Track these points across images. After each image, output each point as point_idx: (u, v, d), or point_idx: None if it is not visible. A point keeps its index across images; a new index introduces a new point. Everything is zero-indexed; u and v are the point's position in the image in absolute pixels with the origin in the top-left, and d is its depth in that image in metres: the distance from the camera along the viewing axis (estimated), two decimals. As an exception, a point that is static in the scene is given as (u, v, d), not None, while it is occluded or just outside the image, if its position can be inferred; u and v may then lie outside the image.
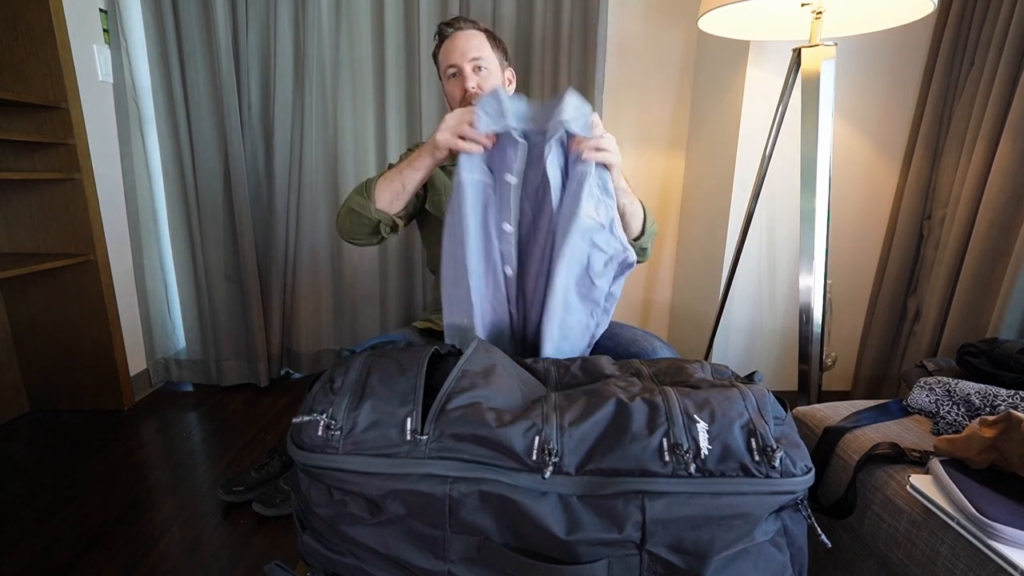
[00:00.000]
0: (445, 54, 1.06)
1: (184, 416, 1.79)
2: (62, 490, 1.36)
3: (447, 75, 1.07)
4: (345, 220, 0.95)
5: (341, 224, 0.97)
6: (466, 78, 1.03)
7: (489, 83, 1.04)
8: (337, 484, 0.58)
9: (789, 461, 0.55)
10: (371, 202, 0.90)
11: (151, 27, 1.73)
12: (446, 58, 1.05)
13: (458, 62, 1.03)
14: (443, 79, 1.10)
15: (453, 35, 1.05)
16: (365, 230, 0.94)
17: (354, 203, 0.92)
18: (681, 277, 2.17)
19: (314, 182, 1.89)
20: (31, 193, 1.63)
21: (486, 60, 1.04)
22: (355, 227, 0.94)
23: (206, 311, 1.94)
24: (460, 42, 1.04)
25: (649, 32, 1.95)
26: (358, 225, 0.94)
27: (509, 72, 1.14)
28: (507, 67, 1.13)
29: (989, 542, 0.58)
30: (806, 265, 1.34)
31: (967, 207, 1.46)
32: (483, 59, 1.04)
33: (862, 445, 0.80)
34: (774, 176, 1.72)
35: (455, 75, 1.05)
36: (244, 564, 1.13)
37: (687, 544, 0.54)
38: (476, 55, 1.03)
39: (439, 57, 1.09)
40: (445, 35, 1.06)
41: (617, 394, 0.60)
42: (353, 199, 0.93)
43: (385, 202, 0.91)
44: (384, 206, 0.91)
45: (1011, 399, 0.78)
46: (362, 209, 0.91)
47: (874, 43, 1.63)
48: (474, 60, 1.03)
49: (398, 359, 0.66)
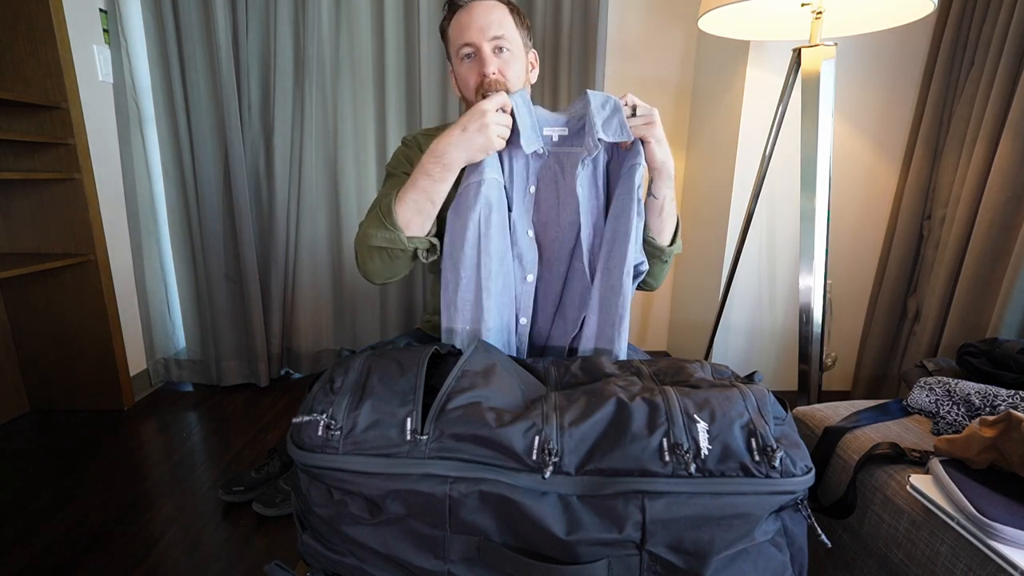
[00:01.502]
0: (458, 28, 0.86)
1: (184, 416, 1.79)
2: (62, 490, 1.36)
3: (460, 56, 0.87)
4: (373, 263, 0.80)
5: (369, 268, 0.81)
6: (485, 61, 0.84)
7: (512, 69, 0.86)
8: (337, 484, 0.58)
9: (789, 461, 0.55)
10: (399, 231, 0.76)
11: (151, 27, 1.73)
12: (460, 34, 0.86)
13: (476, 40, 0.84)
14: (453, 60, 0.90)
15: (469, 5, 0.85)
16: (401, 265, 0.80)
17: (378, 240, 0.76)
18: (681, 277, 2.17)
19: (314, 182, 1.89)
20: (31, 193, 1.63)
21: (509, 40, 0.85)
22: (388, 266, 0.80)
23: (206, 311, 1.94)
24: (479, 15, 0.84)
25: (649, 32, 1.95)
26: (391, 262, 0.79)
27: (532, 55, 0.94)
28: (530, 48, 0.93)
29: (989, 542, 0.58)
30: (806, 265, 1.34)
31: (967, 207, 1.46)
32: (506, 38, 0.85)
33: (862, 445, 0.80)
34: (774, 176, 1.72)
35: (470, 56, 0.86)
36: (244, 564, 1.13)
37: (687, 544, 0.54)
38: (498, 32, 0.84)
39: (450, 32, 0.89)
40: (459, 4, 0.86)
41: (617, 394, 0.60)
42: (374, 236, 0.77)
43: (417, 227, 0.77)
44: (417, 231, 0.77)
45: (1011, 399, 0.78)
46: (392, 243, 0.76)
47: (874, 43, 1.63)
48: (495, 39, 0.84)
49: (398, 359, 0.65)
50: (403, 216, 0.76)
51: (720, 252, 1.82)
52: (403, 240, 0.76)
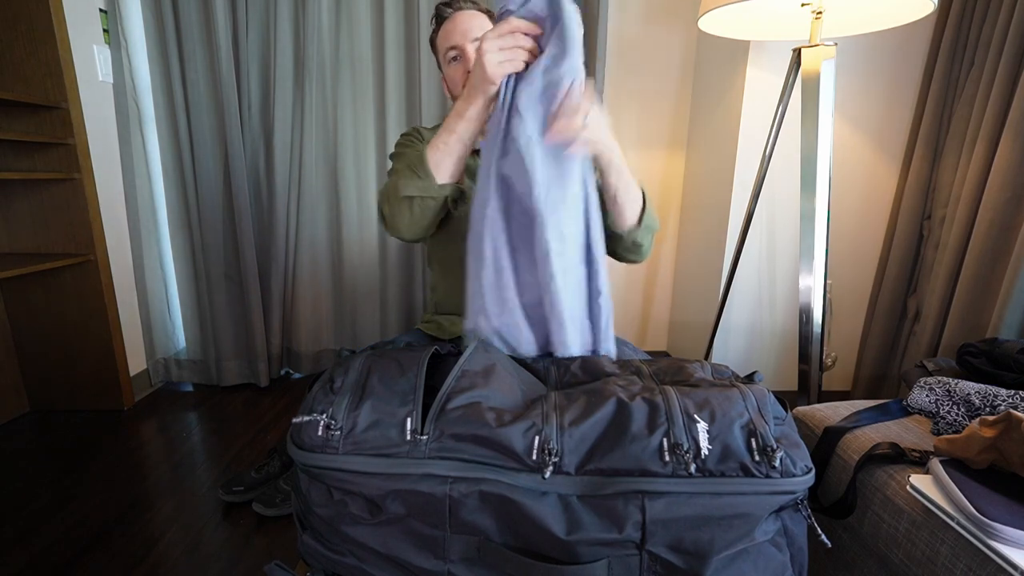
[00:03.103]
0: (444, 36, 0.97)
1: (184, 416, 1.79)
2: (62, 490, 1.36)
3: (447, 59, 0.98)
4: (403, 215, 0.82)
5: (399, 222, 0.83)
6: (470, 60, 0.93)
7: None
8: (337, 484, 0.58)
9: (789, 461, 0.55)
10: (431, 179, 0.79)
11: (151, 27, 1.73)
12: (446, 40, 0.97)
13: (459, 43, 0.94)
14: (443, 64, 1.00)
15: (453, 16, 0.97)
16: (431, 215, 0.83)
17: (410, 189, 0.79)
18: (681, 277, 2.17)
19: (314, 182, 1.89)
20: (31, 193, 1.63)
21: None
22: (419, 217, 0.82)
23: (206, 311, 1.95)
24: (461, 22, 0.95)
25: (649, 32, 1.95)
26: (422, 212, 0.82)
27: None
28: None
29: (989, 542, 0.58)
30: (806, 265, 1.34)
31: (967, 207, 1.46)
32: None
33: (862, 445, 0.80)
34: (774, 176, 1.72)
35: (456, 58, 0.96)
36: (244, 564, 1.13)
37: (687, 544, 0.54)
38: (479, 35, 0.93)
39: (438, 41, 1.00)
40: (444, 16, 0.98)
41: (617, 393, 0.60)
42: (406, 187, 0.80)
43: (447, 172, 0.80)
44: (448, 177, 0.80)
45: (1011, 399, 0.78)
46: (424, 192, 0.79)
47: (874, 43, 1.63)
48: (476, 41, 0.93)
49: (398, 359, 0.65)
50: (434, 159, 0.79)
51: (720, 252, 1.82)
52: (435, 188, 0.80)
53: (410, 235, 0.87)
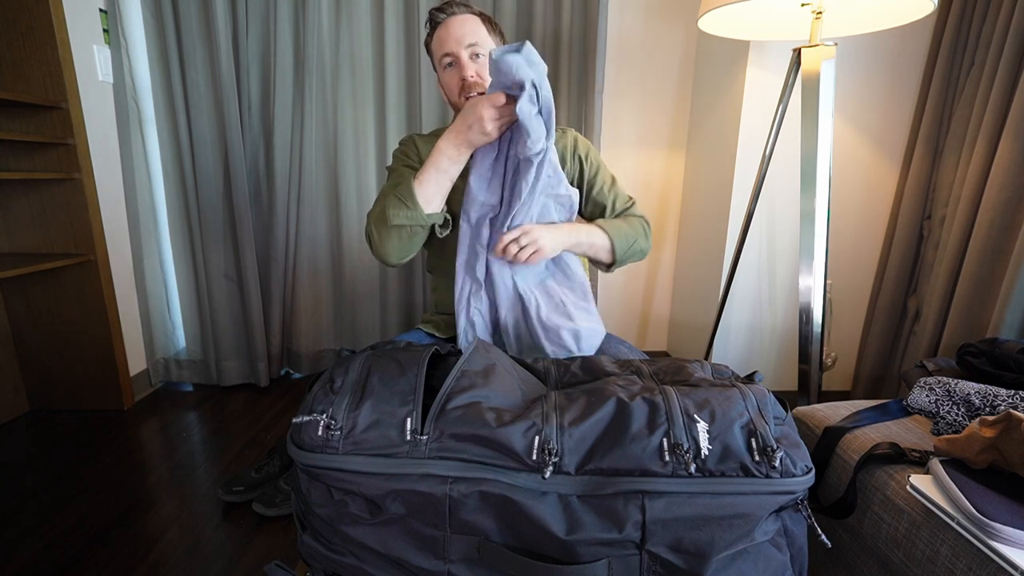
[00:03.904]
0: (439, 42, 0.99)
1: (184, 416, 1.79)
2: (62, 490, 1.36)
3: (442, 65, 1.00)
4: (391, 241, 0.88)
5: (386, 248, 0.89)
6: (464, 66, 0.96)
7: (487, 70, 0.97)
8: (337, 484, 0.58)
9: (789, 461, 0.55)
10: (418, 209, 0.85)
11: (151, 27, 1.73)
12: (440, 46, 0.98)
13: (454, 49, 0.96)
14: (438, 69, 1.02)
15: (446, 21, 0.98)
16: (418, 241, 0.90)
17: (398, 219, 0.86)
18: (681, 277, 2.17)
19: (314, 182, 1.89)
20: (31, 193, 1.63)
21: (483, 46, 0.97)
22: (407, 243, 0.89)
23: (206, 311, 1.94)
24: (454, 28, 0.96)
25: (649, 32, 1.95)
26: (410, 239, 0.88)
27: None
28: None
29: (989, 542, 0.58)
30: (806, 265, 1.34)
31: (967, 207, 1.46)
32: (480, 44, 0.97)
33: (862, 445, 0.80)
34: (774, 176, 1.72)
35: (451, 64, 0.98)
36: (244, 564, 1.13)
37: (687, 544, 0.54)
38: (472, 40, 0.96)
39: (432, 46, 1.02)
40: (437, 22, 0.99)
41: (617, 393, 0.60)
42: (394, 215, 0.86)
43: (435, 205, 0.87)
44: (434, 208, 0.87)
45: (1011, 399, 0.78)
46: (412, 220, 0.86)
47: (874, 43, 1.64)
48: (471, 46, 0.96)
49: (398, 359, 0.65)
50: (424, 194, 0.86)
51: (720, 252, 1.82)
52: (422, 216, 0.86)
53: (396, 259, 0.92)
